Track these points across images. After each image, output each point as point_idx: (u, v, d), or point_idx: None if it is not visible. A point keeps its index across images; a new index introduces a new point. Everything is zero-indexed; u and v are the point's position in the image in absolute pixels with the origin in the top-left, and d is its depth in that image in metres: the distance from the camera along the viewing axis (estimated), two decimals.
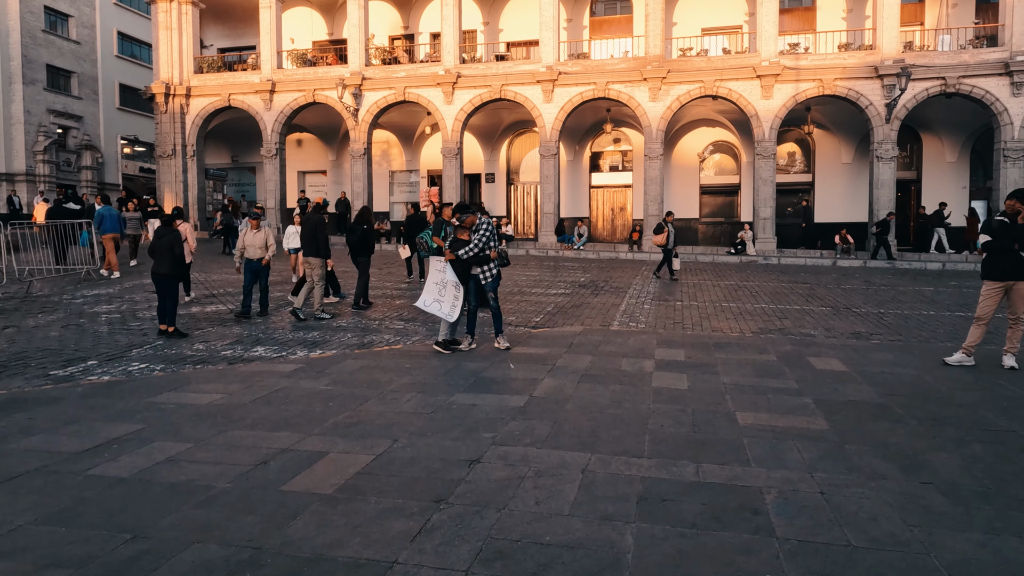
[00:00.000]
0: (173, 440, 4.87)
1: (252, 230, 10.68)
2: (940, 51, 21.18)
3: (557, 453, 4.58)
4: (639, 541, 3.37)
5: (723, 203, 26.31)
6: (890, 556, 3.25)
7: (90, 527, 3.54)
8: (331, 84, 24.32)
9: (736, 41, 24.48)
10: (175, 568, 3.13)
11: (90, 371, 7.25)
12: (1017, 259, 7.03)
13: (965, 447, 4.77)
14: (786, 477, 4.19)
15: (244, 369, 7.19)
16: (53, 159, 31.01)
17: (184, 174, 26.21)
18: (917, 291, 14.38)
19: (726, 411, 5.58)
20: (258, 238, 10.63)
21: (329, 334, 9.24)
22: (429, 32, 27.21)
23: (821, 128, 24.75)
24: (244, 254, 10.61)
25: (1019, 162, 20.43)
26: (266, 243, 10.66)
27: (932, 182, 24.37)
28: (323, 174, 29.99)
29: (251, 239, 10.66)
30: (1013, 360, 7.21)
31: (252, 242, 10.64)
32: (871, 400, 5.95)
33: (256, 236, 10.64)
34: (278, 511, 3.71)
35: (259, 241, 10.60)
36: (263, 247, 10.61)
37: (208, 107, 26.11)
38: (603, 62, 23.48)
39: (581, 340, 8.60)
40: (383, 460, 4.46)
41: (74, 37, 33.07)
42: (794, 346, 8.35)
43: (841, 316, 11.02)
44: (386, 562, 3.17)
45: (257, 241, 10.60)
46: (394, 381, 6.54)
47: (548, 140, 23.22)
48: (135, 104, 35.31)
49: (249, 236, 10.70)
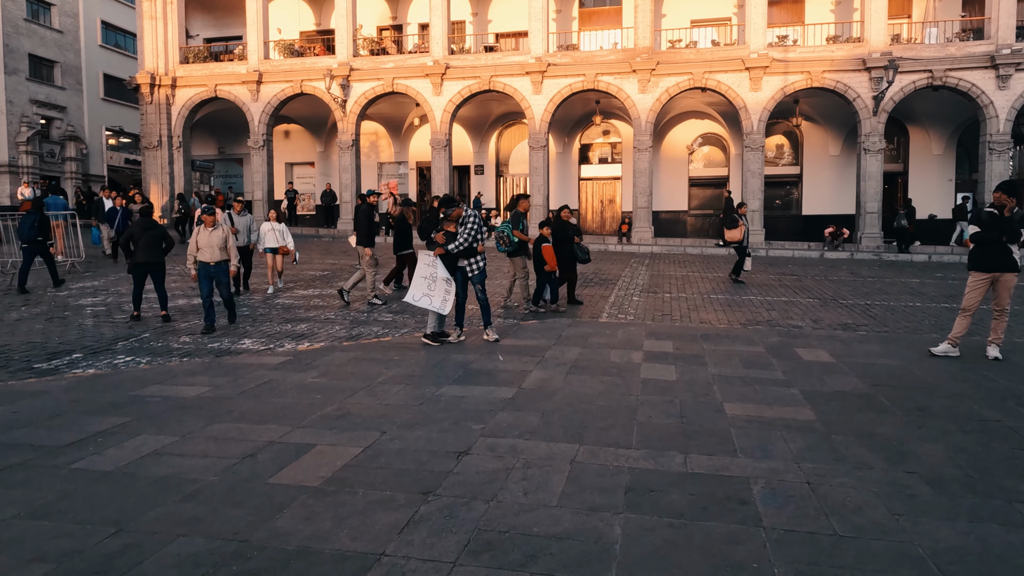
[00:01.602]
0: (159, 433, 4.84)
1: (207, 228, 8.81)
2: (927, 44, 21.29)
3: (546, 444, 4.58)
4: (627, 532, 3.38)
5: (712, 195, 26.37)
6: (875, 545, 3.27)
7: (74, 521, 3.51)
8: (319, 75, 24.14)
9: (725, 33, 24.49)
10: (160, 562, 3.11)
11: (75, 364, 7.17)
12: (1004, 250, 7.10)
13: (950, 437, 4.81)
14: (773, 467, 4.22)
15: (231, 362, 7.14)
16: (36, 150, 30.61)
17: (170, 166, 25.97)
18: (903, 283, 14.48)
19: (714, 402, 5.60)
20: (214, 237, 8.75)
21: (317, 326, 9.20)
22: (417, 23, 27.03)
23: (809, 120, 24.84)
24: (198, 257, 8.82)
25: (1004, 155, 20.60)
26: (225, 243, 8.86)
27: (918, 174, 24.54)
28: (311, 166, 29.80)
29: (205, 239, 8.76)
30: (997, 351, 7.28)
31: (207, 242, 8.76)
32: (858, 391, 6.00)
33: (212, 235, 8.74)
34: (265, 504, 3.69)
35: (216, 241, 8.75)
36: (221, 248, 8.81)
37: (194, 98, 25.85)
38: (592, 54, 23.43)
39: (570, 332, 8.60)
40: (371, 452, 4.45)
41: (57, 26, 32.60)
42: (781, 337, 8.39)
43: (828, 308, 11.09)
44: (373, 554, 3.16)
45: (214, 241, 8.75)
46: (382, 373, 6.52)
47: (537, 132, 23.17)
48: (120, 94, 34.88)
49: (203, 235, 8.78)
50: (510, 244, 10.02)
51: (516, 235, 10.08)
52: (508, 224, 10.20)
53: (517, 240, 10.08)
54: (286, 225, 12.31)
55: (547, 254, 9.95)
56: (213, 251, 8.79)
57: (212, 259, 8.80)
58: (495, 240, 10.21)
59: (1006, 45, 20.11)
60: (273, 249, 11.78)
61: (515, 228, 10.14)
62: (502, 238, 10.03)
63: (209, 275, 8.83)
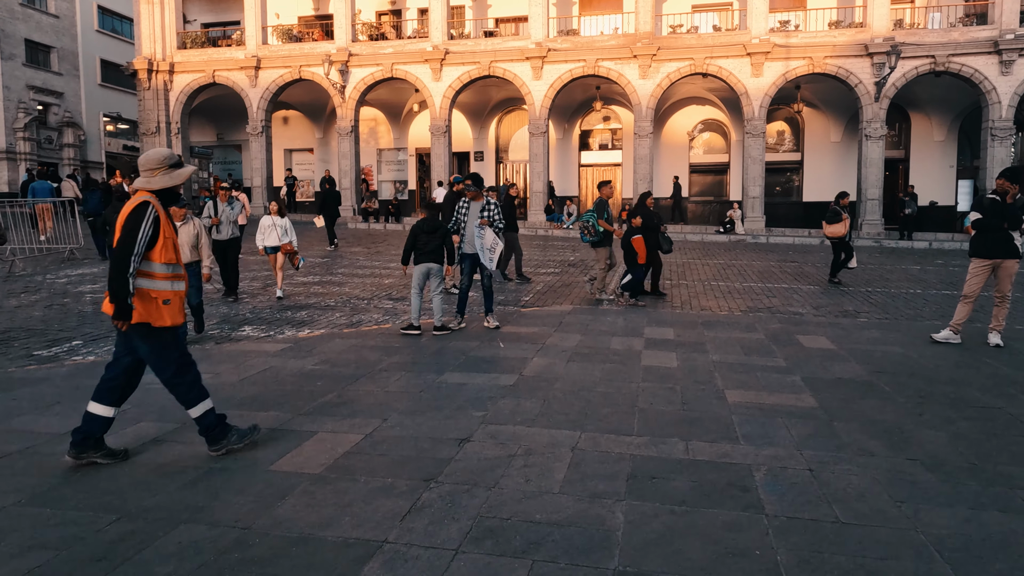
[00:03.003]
0: (160, 420, 4.82)
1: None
2: (930, 29, 21.14)
3: (547, 431, 4.58)
4: (629, 518, 3.38)
5: (712, 182, 26.29)
6: (878, 532, 3.27)
7: (75, 508, 3.50)
8: (317, 60, 23.98)
9: (726, 18, 24.31)
10: (161, 549, 3.10)
11: (75, 351, 7.16)
12: (1006, 237, 7.07)
13: (951, 424, 4.80)
14: (775, 454, 4.21)
15: (231, 348, 7.13)
16: (34, 136, 30.48)
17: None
18: (904, 269, 14.46)
19: (715, 389, 5.59)
20: (184, 234, 7.33)
21: (317, 313, 9.18)
22: (417, 7, 26.82)
23: (810, 106, 24.72)
24: None
25: (1006, 141, 20.51)
26: (196, 241, 7.45)
27: (920, 161, 24.45)
28: (310, 152, 29.68)
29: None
30: (999, 338, 7.27)
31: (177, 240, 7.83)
32: (859, 378, 5.99)
33: (182, 231, 7.31)
34: (266, 491, 3.68)
35: (185, 238, 7.33)
36: (192, 246, 7.44)
37: (192, 83, 25.70)
38: (593, 39, 23.27)
39: (571, 319, 8.59)
40: (372, 439, 4.44)
41: (53, 11, 32.35)
42: (782, 324, 8.38)
43: (829, 294, 11.07)
44: (376, 541, 3.16)
45: (183, 238, 7.29)
46: (383, 360, 6.50)
47: (537, 118, 23.05)
48: (117, 80, 34.69)
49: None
50: (595, 234, 9.56)
51: (602, 225, 9.57)
52: (592, 213, 9.69)
53: (603, 230, 9.60)
54: (289, 220, 10.47)
55: (638, 245, 9.56)
56: (182, 250, 7.16)
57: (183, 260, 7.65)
58: (579, 230, 9.79)
59: (1010, 30, 19.96)
60: (275, 248, 10.14)
61: (600, 217, 9.62)
62: (587, 228, 9.56)
63: None
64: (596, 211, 9.66)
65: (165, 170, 4.01)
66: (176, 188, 4.10)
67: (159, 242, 3.94)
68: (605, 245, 9.85)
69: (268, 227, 10.11)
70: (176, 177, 4.05)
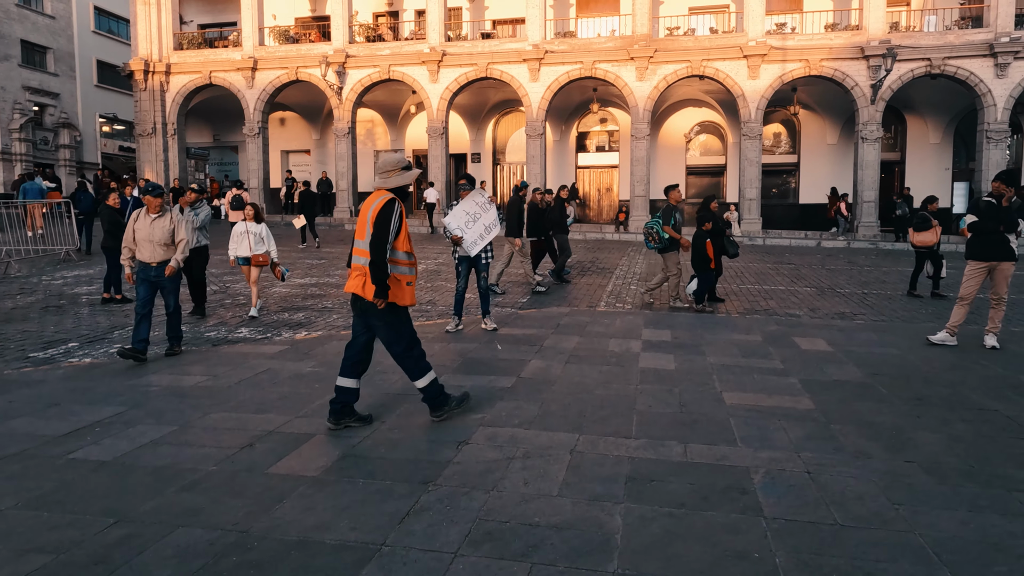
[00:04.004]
0: (157, 423, 4.81)
1: (148, 214, 6.54)
2: (926, 32, 21.20)
3: (545, 434, 4.58)
4: (628, 521, 3.38)
5: (709, 184, 26.31)
6: (876, 534, 3.28)
7: (72, 512, 3.49)
8: (314, 62, 23.96)
9: (723, 20, 24.35)
10: (159, 553, 3.09)
11: (71, 353, 7.14)
12: (1002, 240, 7.10)
13: (948, 426, 4.81)
14: (773, 457, 4.22)
15: (229, 351, 7.11)
16: (29, 137, 30.36)
17: (165, 153, 25.81)
18: (900, 272, 14.49)
19: (713, 391, 5.60)
20: (158, 228, 6.49)
21: (315, 315, 9.17)
22: (414, 9, 26.81)
23: (807, 109, 24.77)
24: (137, 255, 6.56)
25: (1001, 144, 20.58)
26: (172, 237, 6.59)
27: (916, 163, 24.52)
28: (307, 153, 29.65)
29: (144, 229, 6.49)
30: (995, 340, 7.29)
31: (148, 234, 6.49)
32: (856, 380, 6.00)
33: (156, 225, 6.50)
34: (264, 494, 3.67)
35: (159, 233, 6.48)
36: (166, 243, 6.53)
37: (189, 84, 25.65)
38: (590, 41, 23.29)
39: (568, 321, 8.59)
40: (370, 442, 4.44)
41: (49, 12, 32.25)
42: (779, 326, 8.39)
43: (826, 296, 11.09)
44: (374, 544, 3.15)
45: (156, 233, 6.48)
46: (380, 362, 6.47)
47: (534, 120, 23.07)
48: (114, 81, 34.60)
49: (142, 224, 6.51)
50: (660, 241, 9.32)
51: (667, 231, 9.30)
52: (658, 219, 9.40)
53: (668, 236, 9.33)
54: (267, 226, 9.15)
55: (710, 250, 9.40)
56: (154, 248, 6.52)
57: (154, 258, 6.52)
58: (644, 237, 9.57)
59: (1005, 33, 20.03)
60: (247, 259, 8.79)
61: (666, 223, 9.34)
62: (651, 234, 9.32)
63: (148, 279, 6.55)
64: (663, 217, 9.40)
65: (399, 172, 4.59)
66: (406, 187, 4.65)
67: (402, 233, 4.55)
68: (672, 251, 9.58)
69: (240, 235, 8.80)
70: (407, 178, 4.63)
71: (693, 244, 9.53)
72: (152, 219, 6.54)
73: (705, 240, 9.45)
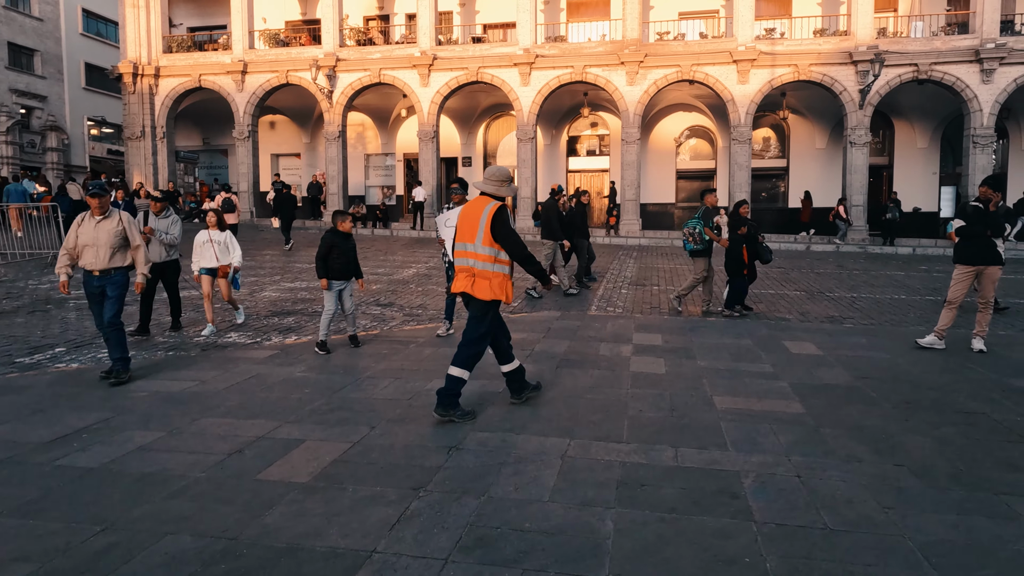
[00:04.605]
0: (144, 429, 4.77)
1: (92, 216, 5.90)
2: (913, 38, 21.39)
3: (536, 439, 4.57)
4: (619, 526, 3.37)
5: (699, 188, 26.30)
6: (866, 538, 3.29)
7: (59, 519, 3.45)
8: (305, 65, 23.90)
9: (713, 25, 24.48)
10: (147, 560, 3.06)
11: (58, 358, 7.07)
12: (988, 244, 7.17)
13: (937, 429, 4.84)
14: (763, 461, 4.23)
15: (217, 356, 7.07)
16: (16, 140, 30.12)
17: (154, 156, 25.65)
18: (888, 275, 14.60)
19: (704, 395, 5.61)
20: (103, 231, 5.83)
21: (304, 320, 9.13)
22: (404, 13, 26.81)
23: (796, 113, 24.93)
24: (79, 261, 5.95)
25: (987, 148, 20.77)
26: (123, 240, 5.93)
27: (904, 168, 24.72)
28: (297, 157, 29.55)
29: (89, 233, 5.85)
30: (982, 343, 7.35)
31: (92, 238, 5.83)
32: (845, 383, 6.03)
33: (101, 227, 5.84)
34: (253, 501, 3.65)
35: (104, 237, 5.83)
36: (114, 247, 5.86)
37: (178, 87, 25.52)
38: (580, 45, 23.35)
39: (559, 325, 8.59)
40: (360, 447, 4.42)
41: (36, 14, 32.03)
42: (769, 330, 8.43)
43: (815, 300, 11.15)
44: (364, 551, 3.13)
45: (102, 237, 5.83)
46: (371, 367, 6.47)
47: (525, 124, 23.09)
48: (102, 84, 34.38)
49: (86, 228, 5.87)
50: (701, 242, 9.23)
51: (708, 234, 9.23)
52: (699, 220, 9.28)
53: (708, 239, 9.28)
54: (232, 233, 8.56)
55: (745, 255, 9.35)
56: (99, 252, 5.82)
57: (98, 264, 5.83)
58: (684, 238, 9.44)
59: (990, 39, 20.24)
60: (211, 270, 8.19)
61: (705, 225, 9.27)
62: (693, 235, 9.22)
63: (92, 292, 5.88)
64: (703, 219, 9.32)
65: (507, 184, 5.11)
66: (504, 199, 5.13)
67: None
68: (706, 256, 9.50)
69: (202, 244, 8.17)
70: (512, 191, 5.24)
71: (728, 249, 9.48)
72: (97, 221, 5.92)
73: (741, 245, 9.39)
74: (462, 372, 4.90)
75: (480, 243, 4.89)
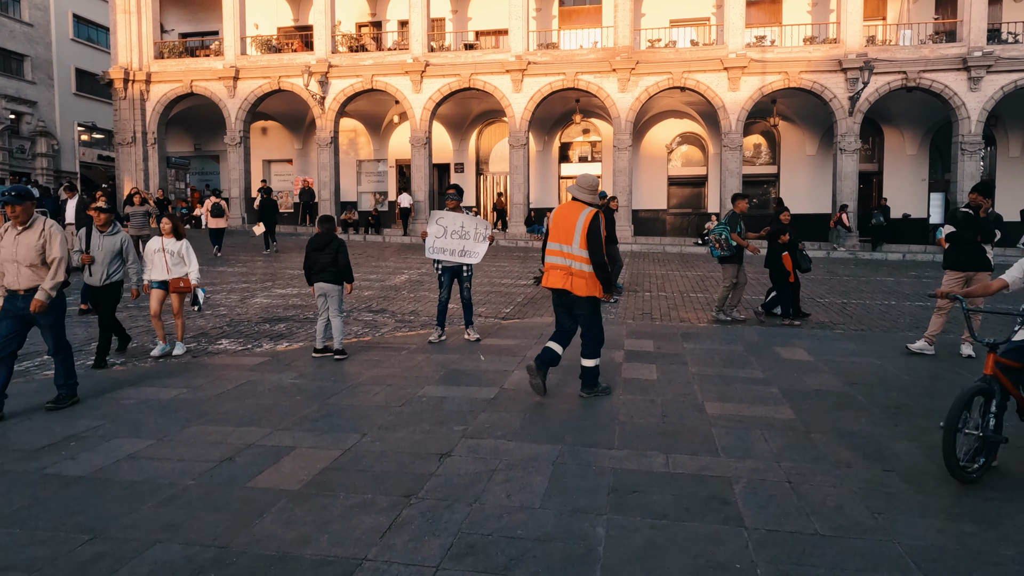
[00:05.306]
0: (134, 436, 4.74)
1: (13, 227, 5.16)
2: (901, 45, 21.59)
3: (528, 445, 4.57)
4: (610, 533, 3.38)
5: (690, 194, 26.53)
6: (856, 544, 3.30)
7: (47, 528, 3.42)
8: (297, 71, 23.90)
9: (704, 33, 24.64)
10: (136, 569, 3.04)
11: (46, 366, 7.01)
12: (978, 250, 7.22)
13: (926, 434, 4.87)
14: (754, 467, 4.24)
15: (208, 362, 7.03)
16: (6, 146, 29.98)
17: (145, 162, 25.56)
18: (879, 281, 14.68)
19: (695, 401, 5.62)
20: (23, 245, 5.12)
21: (296, 326, 9.10)
22: (397, 20, 26.86)
23: (786, 120, 25.10)
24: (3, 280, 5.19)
25: (976, 155, 20.97)
26: (42, 254, 5.15)
27: (893, 174, 24.90)
28: (289, 163, 29.50)
29: (8, 247, 5.13)
30: (971, 349, 7.40)
31: (11, 253, 5.13)
32: (836, 389, 6.06)
33: (21, 240, 5.13)
34: (244, 508, 3.63)
35: (23, 251, 5.11)
36: (32, 264, 5.13)
37: (169, 93, 25.46)
38: (572, 52, 23.45)
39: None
40: (351, 455, 4.40)
41: (27, 19, 31.92)
42: (760, 336, 8.46)
43: (805, 306, 11.19)
44: (355, 559, 3.12)
45: (21, 251, 5.11)
46: (362, 374, 6.46)
47: (517, 130, 23.15)
48: (92, 90, 34.25)
49: (7, 242, 5.14)
50: (728, 248, 9.11)
51: (735, 239, 9.12)
52: (725, 226, 9.18)
53: (735, 244, 9.16)
54: (188, 242, 7.53)
55: (788, 263, 9.21)
56: (19, 270, 5.12)
57: (19, 284, 5.14)
58: (710, 244, 9.34)
59: (977, 48, 20.46)
60: (163, 284, 7.26)
61: (733, 231, 9.15)
62: (720, 241, 9.11)
63: (14, 314, 5.16)
64: (730, 225, 9.18)
65: (595, 193, 5.57)
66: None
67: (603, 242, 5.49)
68: (735, 262, 9.36)
69: (153, 252, 7.25)
70: (597, 200, 5.61)
71: (770, 258, 9.33)
72: (17, 233, 5.11)
73: (782, 253, 9.25)
74: (594, 361, 5.58)
75: (577, 246, 5.37)
